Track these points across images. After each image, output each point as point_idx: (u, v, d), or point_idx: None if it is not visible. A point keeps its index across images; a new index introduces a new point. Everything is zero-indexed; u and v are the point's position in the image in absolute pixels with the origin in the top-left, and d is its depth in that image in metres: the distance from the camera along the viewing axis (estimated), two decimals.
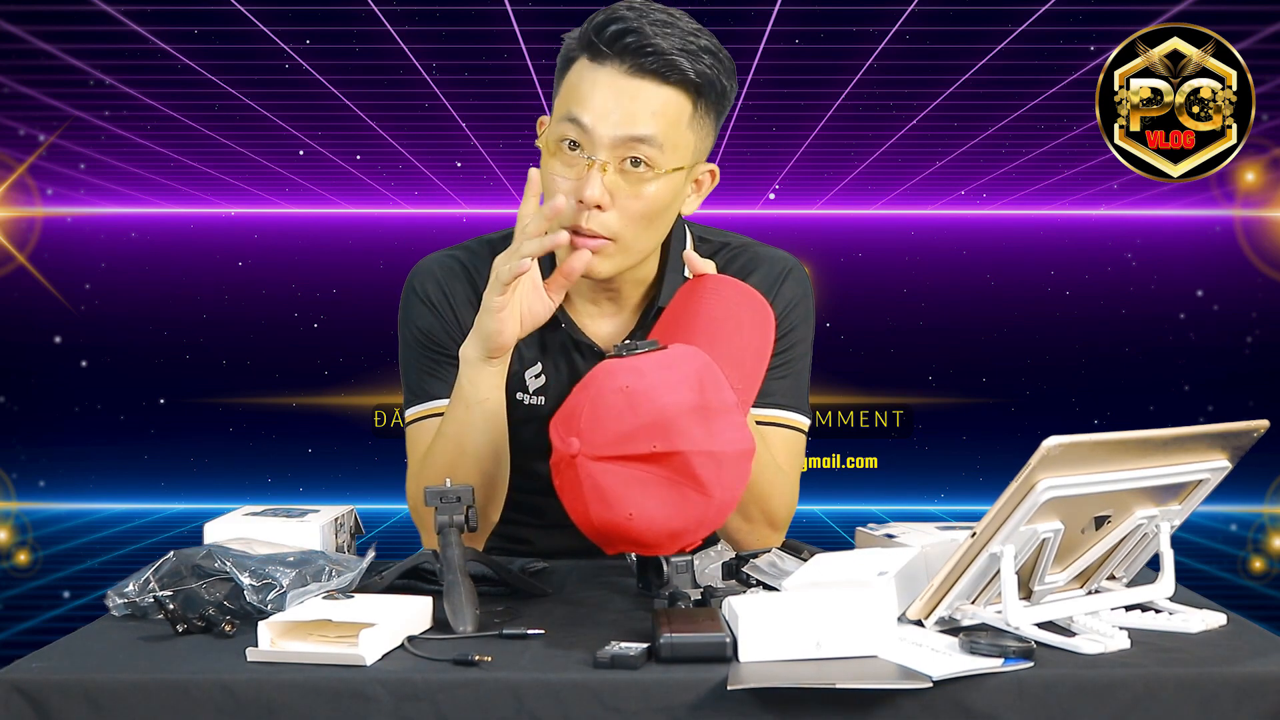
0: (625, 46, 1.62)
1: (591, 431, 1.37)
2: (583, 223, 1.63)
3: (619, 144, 1.63)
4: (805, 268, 1.88)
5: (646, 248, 1.72)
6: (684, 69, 1.63)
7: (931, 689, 1.19)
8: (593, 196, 1.62)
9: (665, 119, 1.64)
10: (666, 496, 1.37)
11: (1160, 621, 1.38)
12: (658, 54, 1.62)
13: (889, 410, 6.33)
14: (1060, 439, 1.23)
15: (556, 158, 1.66)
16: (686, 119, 1.66)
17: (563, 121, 1.65)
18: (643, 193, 1.65)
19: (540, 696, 1.20)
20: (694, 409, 1.37)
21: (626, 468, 1.36)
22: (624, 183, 1.64)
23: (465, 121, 5.70)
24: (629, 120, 1.62)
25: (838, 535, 5.02)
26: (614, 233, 1.65)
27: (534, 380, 1.82)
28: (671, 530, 1.39)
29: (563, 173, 1.65)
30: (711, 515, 1.39)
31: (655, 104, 1.63)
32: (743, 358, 1.58)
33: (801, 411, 1.81)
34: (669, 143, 1.65)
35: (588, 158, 1.63)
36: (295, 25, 4.93)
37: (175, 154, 6.04)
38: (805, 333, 1.84)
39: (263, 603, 1.40)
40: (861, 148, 6.05)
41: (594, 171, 1.62)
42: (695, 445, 1.36)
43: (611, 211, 1.64)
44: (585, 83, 1.64)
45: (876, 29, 4.94)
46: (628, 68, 1.63)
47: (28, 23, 4.88)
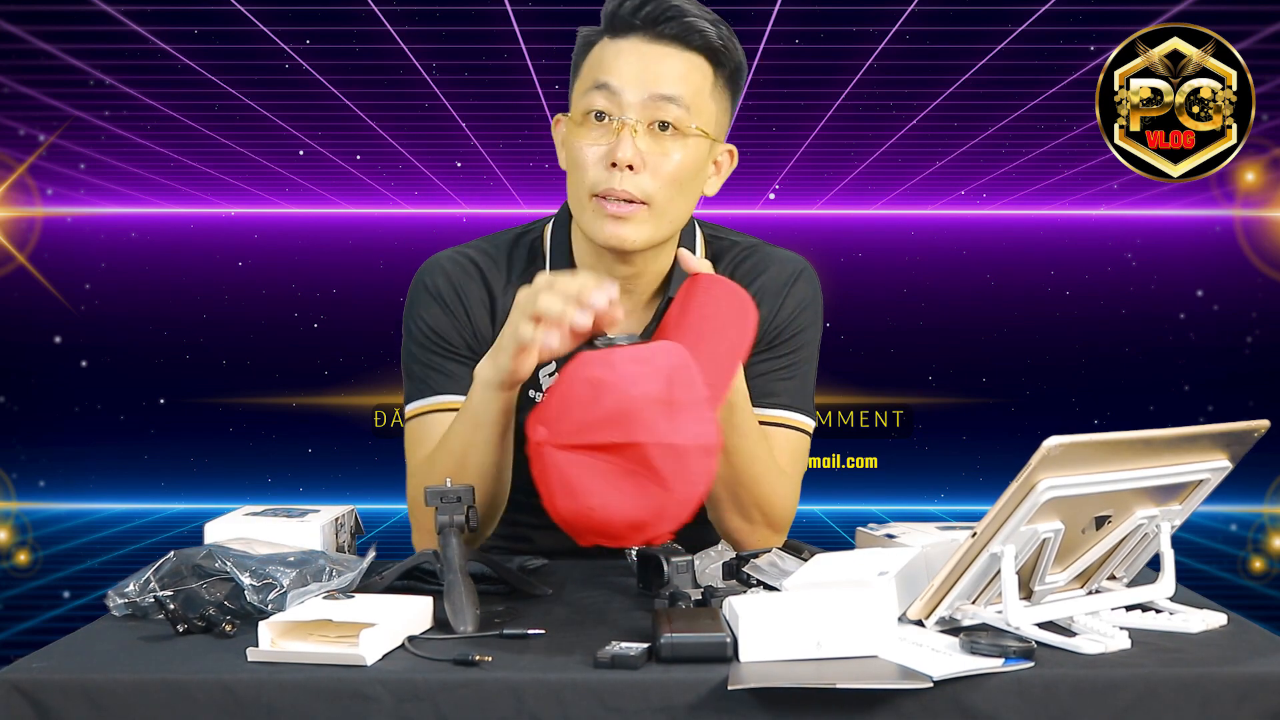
0: (646, 16, 1.65)
1: (557, 420, 1.37)
2: (616, 184, 1.64)
3: (648, 104, 1.64)
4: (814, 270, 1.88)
5: (676, 217, 1.71)
6: (706, 33, 1.66)
7: (931, 689, 1.19)
8: (625, 156, 1.63)
9: (690, 83, 1.66)
10: (626, 487, 1.36)
11: (1161, 621, 1.38)
12: (678, 19, 1.66)
13: (889, 410, 6.34)
14: (1060, 439, 1.23)
15: (583, 128, 1.67)
16: (709, 87, 1.69)
17: (588, 93, 1.66)
18: (672, 154, 1.66)
19: (540, 696, 1.20)
20: (658, 401, 1.36)
21: (588, 457, 1.35)
22: (654, 144, 1.65)
23: (465, 121, 5.70)
24: (656, 80, 1.65)
25: (838, 535, 5.02)
26: (647, 195, 1.65)
27: (548, 379, 1.81)
28: (632, 521, 1.37)
29: (593, 140, 1.66)
30: (673, 508, 1.37)
31: (680, 67, 1.66)
32: (719, 353, 1.57)
33: (806, 413, 1.81)
34: (695, 106, 1.66)
35: (619, 119, 1.64)
36: (295, 25, 4.93)
37: (175, 154, 6.04)
38: (813, 335, 1.84)
39: (263, 603, 1.40)
40: (861, 148, 6.05)
41: (625, 133, 1.64)
42: (655, 437, 1.35)
43: (644, 173, 1.65)
44: (609, 54, 1.67)
45: (876, 29, 4.94)
46: (650, 35, 1.66)
47: (28, 23, 4.88)
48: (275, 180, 6.35)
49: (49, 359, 6.24)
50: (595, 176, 1.65)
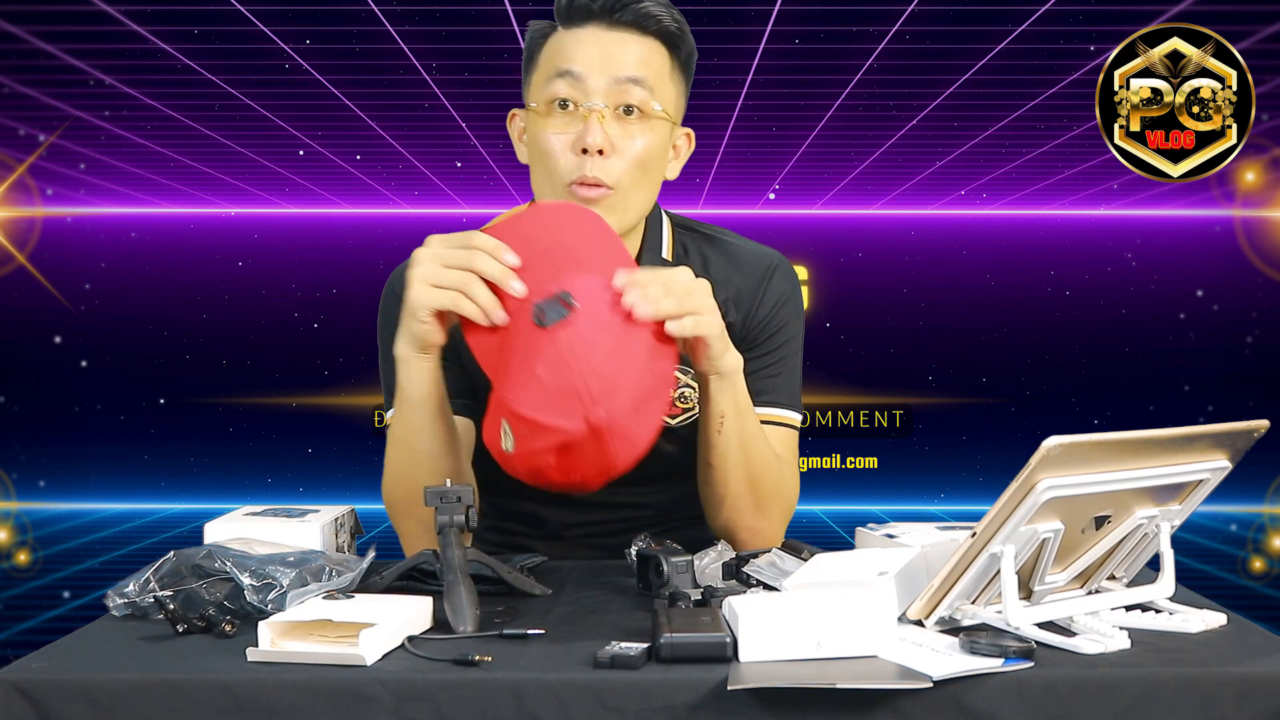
0: (603, 5, 1.68)
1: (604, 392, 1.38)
2: (586, 171, 1.65)
3: (612, 89, 1.66)
4: (803, 267, 1.88)
5: (641, 203, 1.73)
6: (660, 18, 1.69)
7: (931, 689, 1.19)
8: (595, 141, 1.65)
9: (651, 66, 1.69)
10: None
11: (1160, 621, 1.37)
12: (633, 5, 1.68)
13: (889, 410, 6.33)
14: (1060, 439, 1.23)
15: (548, 118, 1.68)
16: (668, 70, 1.71)
17: (551, 81, 1.68)
18: (638, 138, 1.68)
19: (540, 696, 1.20)
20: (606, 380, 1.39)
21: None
22: (620, 129, 1.67)
23: (465, 121, 5.69)
24: (619, 64, 1.67)
25: (838, 535, 5.02)
26: (615, 180, 1.67)
27: None
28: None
29: (559, 129, 1.67)
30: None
31: (640, 51, 1.68)
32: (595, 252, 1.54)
33: (794, 408, 1.81)
34: (657, 88, 1.69)
35: (586, 106, 1.66)
36: (295, 25, 4.93)
37: (175, 154, 6.04)
38: (796, 329, 1.84)
39: (263, 603, 1.40)
40: (861, 148, 6.04)
41: (593, 119, 1.65)
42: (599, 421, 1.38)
43: (613, 158, 1.66)
44: (568, 43, 1.69)
45: (876, 29, 4.94)
46: (607, 23, 1.68)
47: (28, 23, 4.88)
48: (275, 180, 6.35)
49: (49, 359, 6.24)
50: (567, 164, 1.67)
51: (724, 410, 1.61)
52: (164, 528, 6.11)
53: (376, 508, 1.76)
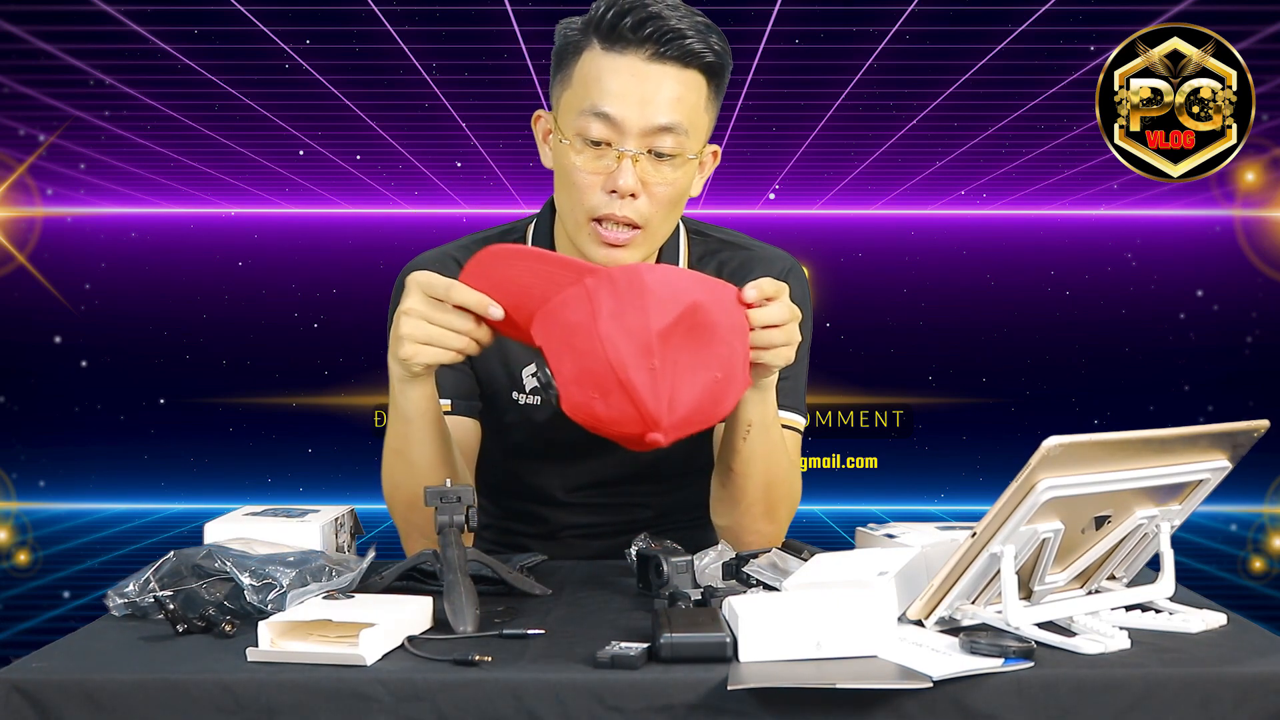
0: (647, 35, 1.62)
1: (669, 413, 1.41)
2: (616, 210, 1.64)
3: (647, 134, 1.63)
4: (804, 268, 1.88)
5: (665, 234, 1.72)
6: (702, 54, 1.64)
7: (931, 689, 1.18)
8: (627, 185, 1.63)
9: (687, 105, 1.65)
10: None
11: (1160, 621, 1.37)
12: (680, 40, 1.63)
13: (889, 410, 6.33)
14: (1060, 439, 1.23)
15: (581, 154, 1.65)
16: (704, 103, 1.68)
17: (584, 115, 1.64)
18: (669, 179, 1.66)
19: (540, 696, 1.20)
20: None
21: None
22: (653, 171, 1.65)
23: (465, 121, 5.70)
24: (655, 110, 1.63)
25: (838, 535, 5.02)
26: (644, 219, 1.66)
27: (530, 379, 1.81)
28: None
29: (590, 167, 1.65)
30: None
31: (679, 90, 1.64)
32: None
33: (799, 412, 1.81)
34: (692, 128, 1.66)
35: (618, 150, 1.63)
36: (295, 25, 4.93)
37: (175, 154, 6.04)
38: (806, 333, 1.84)
39: (263, 603, 1.40)
40: (861, 148, 6.04)
41: (626, 162, 1.63)
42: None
43: (643, 198, 1.65)
44: (606, 74, 1.63)
45: (876, 29, 4.94)
46: (649, 55, 1.63)
47: (28, 23, 4.88)
48: (275, 180, 6.35)
49: (49, 359, 6.24)
50: (594, 201, 1.65)
51: (752, 419, 1.62)
52: (164, 528, 6.11)
53: (376, 508, 1.76)
